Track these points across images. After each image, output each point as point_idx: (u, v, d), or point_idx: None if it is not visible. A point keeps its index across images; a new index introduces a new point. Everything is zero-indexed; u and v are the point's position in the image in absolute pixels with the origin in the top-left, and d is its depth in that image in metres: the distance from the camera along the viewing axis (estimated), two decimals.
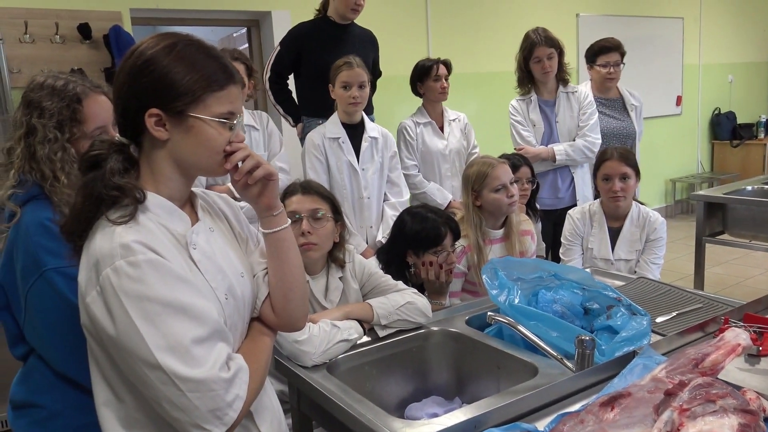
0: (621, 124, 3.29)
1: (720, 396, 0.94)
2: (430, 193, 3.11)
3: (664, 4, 6.46)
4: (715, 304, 1.71)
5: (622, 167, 2.39)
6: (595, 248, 2.46)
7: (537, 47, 3.03)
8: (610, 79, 3.24)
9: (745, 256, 4.90)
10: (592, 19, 5.82)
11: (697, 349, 1.19)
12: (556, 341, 1.42)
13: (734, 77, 7.33)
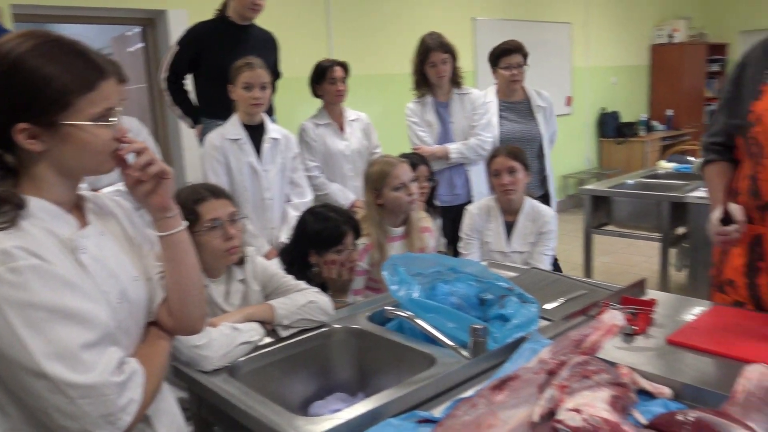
0: (524, 128, 3.29)
1: (595, 372, 1.01)
2: (333, 194, 3.13)
3: (554, 10, 6.82)
4: (598, 289, 1.83)
5: (509, 162, 2.51)
6: (492, 241, 2.57)
7: (432, 52, 3.12)
8: (513, 81, 3.26)
9: (630, 245, 5.26)
10: (488, 23, 6.05)
11: (578, 332, 1.28)
12: (453, 332, 1.47)
13: (617, 79, 7.85)
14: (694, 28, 8.42)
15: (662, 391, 1.17)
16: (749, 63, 1.67)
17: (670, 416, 0.98)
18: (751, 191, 1.62)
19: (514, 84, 3.27)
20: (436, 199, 2.96)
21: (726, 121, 1.73)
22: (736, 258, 1.68)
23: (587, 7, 7.23)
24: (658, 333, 1.48)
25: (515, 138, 3.23)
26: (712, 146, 1.77)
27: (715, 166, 1.76)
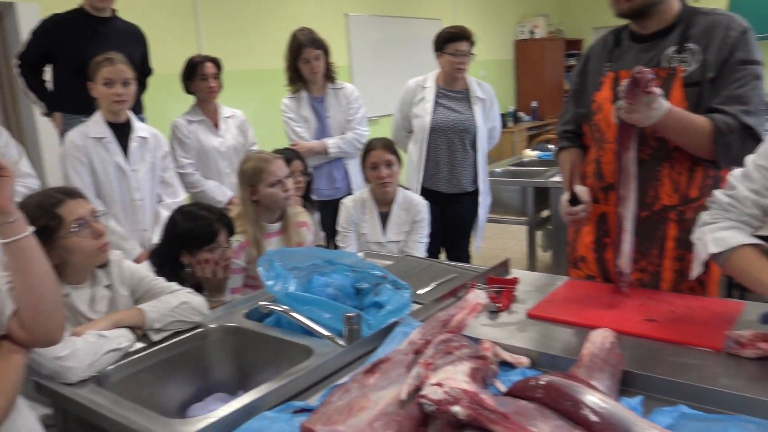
0: (458, 117, 3.18)
1: (457, 348, 1.08)
2: (209, 192, 3.07)
3: (424, 7, 7.03)
4: (467, 272, 1.93)
5: (386, 155, 2.58)
6: (368, 233, 2.63)
7: (304, 48, 3.13)
8: (458, 69, 3.11)
9: (503, 230, 5.55)
10: (361, 19, 6.12)
11: (446, 312, 1.35)
12: (330, 322, 1.50)
13: (487, 73, 8.23)
14: (552, 25, 9.01)
15: (521, 360, 1.27)
16: (592, 56, 1.83)
17: (525, 382, 1.06)
18: (596, 174, 1.77)
19: (458, 72, 3.13)
20: (312, 194, 2.98)
21: (574, 110, 1.88)
22: (586, 236, 1.84)
23: (454, 4, 7.52)
24: (520, 308, 1.59)
25: (447, 126, 3.16)
26: (565, 134, 1.92)
27: (567, 153, 1.91)
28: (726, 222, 1.36)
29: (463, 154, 3.20)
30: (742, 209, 1.35)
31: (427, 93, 3.20)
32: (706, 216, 1.41)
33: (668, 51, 1.63)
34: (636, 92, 1.44)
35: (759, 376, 1.16)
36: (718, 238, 1.34)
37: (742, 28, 1.59)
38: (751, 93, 1.57)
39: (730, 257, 1.32)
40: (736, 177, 1.38)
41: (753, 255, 1.29)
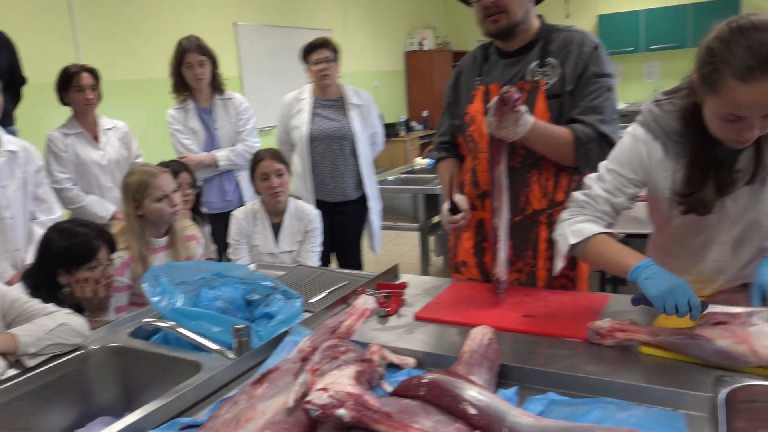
0: (335, 125, 3.22)
1: (343, 352, 1.11)
2: (89, 207, 2.93)
3: (315, 17, 7.07)
4: (359, 279, 1.96)
5: (276, 165, 2.58)
6: (261, 244, 2.61)
7: (188, 53, 3.07)
8: (323, 76, 3.17)
9: (397, 237, 5.68)
10: (250, 29, 6.06)
11: (335, 319, 1.38)
12: (219, 335, 1.48)
13: (379, 83, 8.39)
14: (440, 37, 9.33)
15: (407, 361, 1.32)
16: (463, 71, 1.93)
17: (408, 382, 1.10)
18: (473, 182, 1.87)
19: (325, 79, 3.19)
20: (202, 206, 2.92)
21: (449, 122, 1.97)
22: (466, 241, 1.93)
23: (345, 16, 7.62)
24: (408, 312, 1.65)
25: (325, 135, 3.19)
26: (442, 145, 2.01)
27: (444, 163, 2.00)
28: (582, 216, 1.49)
29: (344, 161, 3.24)
30: (596, 206, 1.49)
31: (304, 104, 3.26)
32: (564, 214, 1.54)
33: (531, 66, 1.76)
34: (504, 110, 1.55)
35: (618, 362, 1.28)
36: (576, 230, 1.47)
37: (594, 44, 1.75)
38: (605, 103, 1.72)
39: (586, 245, 1.45)
40: (591, 179, 1.53)
41: (607, 240, 1.44)
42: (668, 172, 1.45)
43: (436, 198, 3.79)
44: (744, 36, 1.19)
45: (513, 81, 1.77)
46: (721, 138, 1.33)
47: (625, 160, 1.48)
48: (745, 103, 1.21)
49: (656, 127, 1.45)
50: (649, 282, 1.30)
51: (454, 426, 1.00)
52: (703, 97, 1.30)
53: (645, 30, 8.68)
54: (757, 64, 1.17)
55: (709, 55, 1.25)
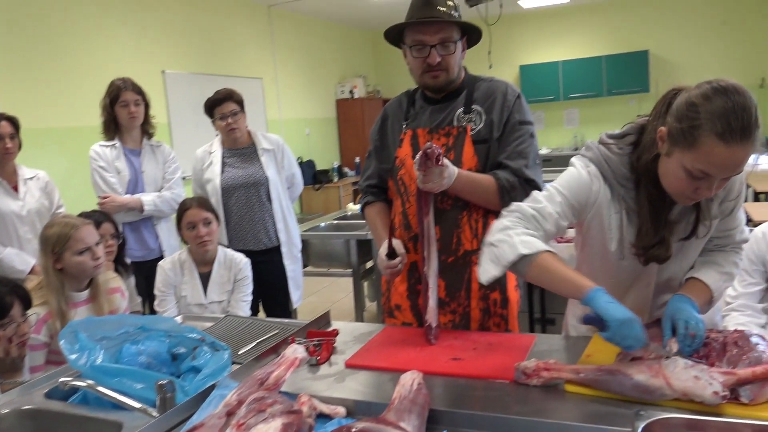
0: (247, 173, 3.18)
1: (269, 404, 1.09)
2: (7, 260, 2.79)
3: (245, 66, 7.10)
4: (290, 327, 1.94)
5: (203, 213, 2.54)
6: (189, 295, 2.55)
7: (124, 92, 3.03)
8: (231, 129, 3.14)
9: (332, 283, 5.65)
10: (179, 77, 6.02)
11: (263, 370, 1.35)
12: (142, 392, 1.42)
13: (311, 130, 8.46)
14: (370, 85, 9.55)
15: (337, 411, 1.30)
16: (389, 116, 1.99)
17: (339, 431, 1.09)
18: (404, 225, 1.90)
19: (233, 132, 3.16)
20: (125, 256, 2.82)
21: (377, 166, 2.01)
22: (399, 284, 1.95)
23: (275, 64, 7.69)
24: (339, 359, 1.63)
25: (238, 183, 3.16)
26: (369, 188, 2.05)
27: (374, 207, 2.03)
28: (526, 229, 1.46)
29: (261, 208, 3.20)
30: (542, 224, 1.47)
31: (214, 156, 3.23)
32: (506, 221, 1.49)
33: (458, 112, 1.84)
34: (429, 164, 1.61)
35: (544, 401, 1.30)
36: (526, 241, 1.43)
37: (516, 94, 1.85)
38: (529, 149, 1.81)
39: (535, 260, 1.40)
40: (542, 195, 1.52)
41: (556, 259, 1.41)
42: (612, 211, 1.50)
43: (369, 243, 3.81)
44: (729, 97, 1.24)
45: (441, 126, 1.84)
46: (673, 191, 1.38)
47: (575, 190, 1.50)
48: (719, 163, 1.26)
49: (607, 168, 1.49)
50: (612, 307, 1.30)
51: None
52: (672, 149, 1.32)
53: (564, 80, 9.17)
54: (739, 128, 1.22)
55: (691, 110, 1.27)
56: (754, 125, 1.24)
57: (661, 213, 1.44)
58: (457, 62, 1.81)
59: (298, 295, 3.44)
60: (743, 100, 1.24)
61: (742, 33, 8.47)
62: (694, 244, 1.53)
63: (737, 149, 1.23)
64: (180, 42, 6.08)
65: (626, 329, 1.28)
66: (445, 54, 1.78)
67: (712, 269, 1.53)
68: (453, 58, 1.79)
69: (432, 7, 1.76)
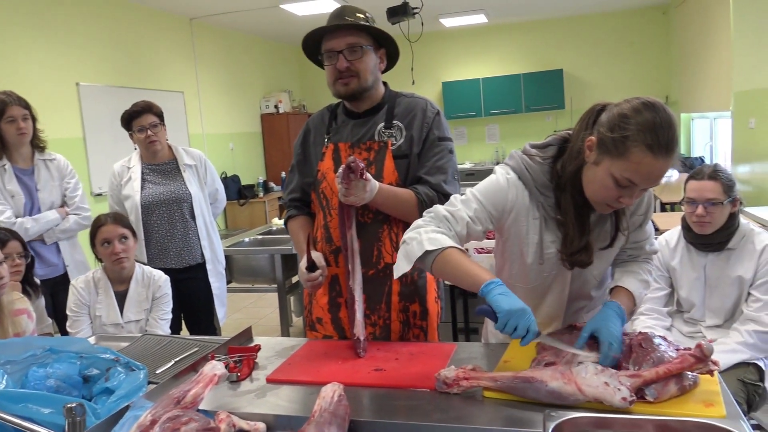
0: (169, 189, 3.07)
1: (184, 423, 1.06)
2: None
3: (166, 79, 6.92)
4: (210, 344, 1.89)
5: (119, 229, 2.45)
6: (104, 315, 2.44)
7: (9, 107, 2.83)
8: (151, 142, 3.01)
9: (259, 299, 5.56)
10: (94, 89, 5.80)
11: (179, 388, 1.31)
12: (50, 417, 1.35)
13: (234, 145, 8.32)
14: (295, 100, 9.51)
15: (257, 427, 1.28)
16: (311, 130, 1.99)
17: None
18: (326, 238, 1.90)
19: (153, 145, 3.03)
20: (34, 276, 2.68)
21: (300, 179, 2.01)
22: (321, 298, 1.94)
23: (197, 78, 7.54)
24: (261, 375, 1.61)
25: (159, 200, 3.03)
26: (292, 202, 2.04)
27: (297, 220, 2.02)
28: (438, 229, 1.51)
29: (184, 225, 3.09)
30: (454, 226, 1.52)
31: (133, 172, 3.10)
32: (420, 221, 1.55)
33: (379, 127, 1.86)
34: (352, 178, 1.63)
35: (463, 408, 1.33)
36: (433, 238, 1.47)
37: (436, 111, 1.89)
38: (448, 165, 1.85)
39: (440, 255, 1.45)
40: (458, 199, 1.57)
41: (460, 254, 1.46)
42: (530, 218, 1.55)
43: (294, 258, 3.78)
44: (657, 113, 1.32)
45: (362, 140, 1.86)
46: (596, 199, 1.45)
47: (492, 197, 1.55)
48: (645, 173, 1.34)
49: (528, 176, 1.54)
50: (502, 298, 1.34)
51: None
52: (601, 158, 1.39)
53: (484, 96, 9.46)
54: (665, 142, 1.31)
55: (623, 121, 1.33)
56: (676, 141, 1.33)
57: (585, 220, 1.51)
58: (369, 70, 1.83)
59: (223, 312, 3.35)
60: (668, 117, 1.33)
61: (649, 54, 9.02)
62: (606, 254, 1.61)
63: (662, 162, 1.32)
64: (96, 53, 5.86)
65: (514, 320, 1.32)
66: (353, 59, 1.79)
67: (632, 277, 1.62)
68: (362, 64, 1.81)
69: (341, 18, 1.81)
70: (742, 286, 2.26)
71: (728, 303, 2.30)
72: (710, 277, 2.33)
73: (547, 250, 1.56)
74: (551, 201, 1.52)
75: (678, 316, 2.47)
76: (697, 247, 2.35)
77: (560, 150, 1.53)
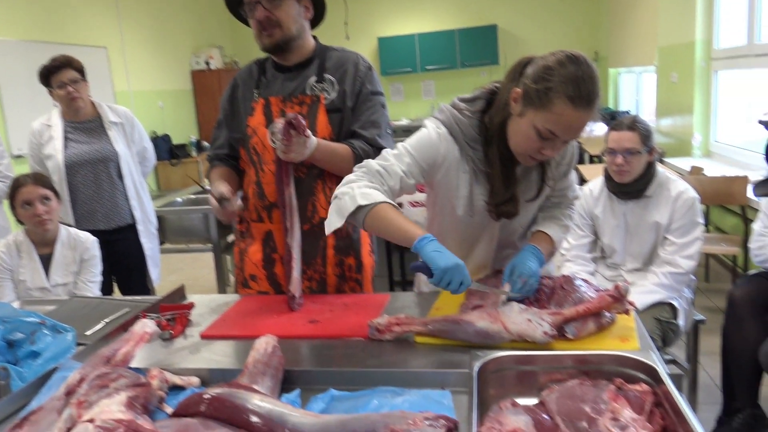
0: (95, 148, 2.95)
1: (113, 380, 1.05)
2: None
3: (86, 33, 6.56)
4: (141, 304, 1.86)
5: (40, 189, 2.36)
6: (28, 279, 2.36)
7: None
8: (72, 99, 2.87)
9: (195, 260, 5.47)
10: (8, 45, 5.45)
11: (110, 347, 1.29)
12: None
13: (164, 103, 8.02)
14: (227, 56, 9.20)
15: (191, 381, 1.28)
16: (240, 84, 1.95)
17: (190, 399, 1.08)
18: (258, 194, 1.88)
19: (75, 102, 2.90)
20: None
21: (228, 135, 1.97)
22: (254, 254, 1.93)
23: (121, 32, 7.18)
24: (194, 332, 1.60)
25: (84, 160, 2.91)
26: (218, 156, 2.00)
27: (217, 169, 1.97)
28: (371, 184, 1.51)
29: (111, 185, 3.00)
30: (387, 180, 1.52)
31: (54, 131, 2.95)
32: (352, 176, 1.54)
33: (310, 80, 1.83)
34: (293, 135, 1.62)
35: (396, 354, 1.37)
36: (366, 193, 1.47)
37: (368, 65, 1.87)
38: (381, 119, 1.85)
39: (373, 211, 1.45)
40: (391, 153, 1.57)
41: (393, 209, 1.47)
42: (461, 171, 1.57)
43: None
44: (580, 66, 1.35)
45: (294, 94, 1.83)
46: (520, 151, 1.48)
47: (424, 151, 1.55)
48: (566, 124, 1.37)
49: (457, 130, 1.55)
50: (436, 254, 1.36)
51: None
52: (525, 109, 1.41)
53: (420, 52, 9.42)
54: (586, 95, 1.34)
55: (547, 73, 1.36)
56: (597, 94, 1.37)
57: (511, 172, 1.55)
58: (292, 18, 1.78)
59: (156, 273, 3.29)
60: (591, 71, 1.36)
61: (580, 10, 9.17)
62: (532, 205, 1.66)
63: (582, 114, 1.36)
64: (7, 5, 5.48)
65: (449, 276, 1.35)
66: (271, 8, 1.74)
67: (553, 222, 1.69)
68: (282, 12, 1.76)
69: None
70: (658, 231, 2.39)
71: (646, 247, 2.43)
72: (630, 223, 2.44)
73: (476, 202, 1.60)
74: (480, 154, 1.55)
75: (601, 261, 2.59)
76: (617, 195, 2.46)
77: (488, 103, 1.56)
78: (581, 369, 1.08)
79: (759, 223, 2.46)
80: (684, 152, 5.32)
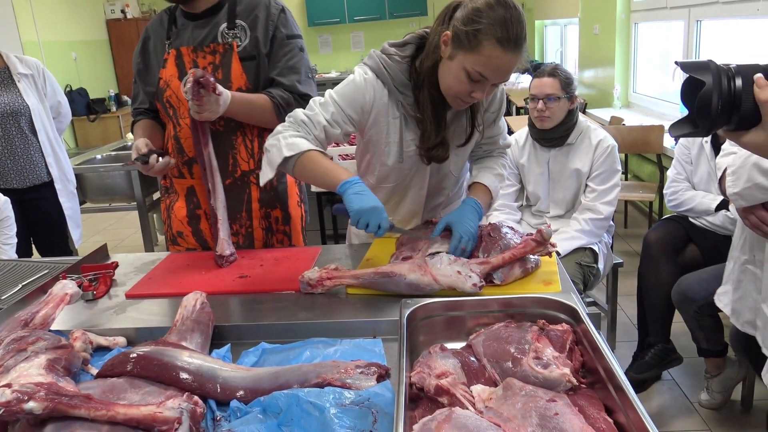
0: (3, 101, 2.78)
1: (31, 343, 1.01)
2: None
3: None
4: (61, 265, 1.79)
5: None
6: None
7: None
8: None
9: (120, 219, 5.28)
10: None
11: (27, 310, 1.24)
12: None
13: (78, 55, 7.56)
14: (144, 4, 8.73)
15: (116, 341, 1.25)
16: (151, 35, 1.85)
17: (115, 359, 1.05)
18: (177, 149, 1.82)
19: None
20: None
21: (144, 89, 1.88)
22: (179, 211, 1.88)
23: None
24: (120, 291, 1.56)
25: None
26: (138, 112, 1.91)
27: (141, 123, 1.89)
28: (297, 133, 1.51)
29: (24, 141, 2.84)
30: (312, 130, 1.52)
31: None
32: (280, 127, 1.54)
33: (221, 28, 1.75)
34: (203, 94, 1.55)
35: (327, 306, 1.38)
36: (291, 143, 1.47)
37: (280, 7, 1.79)
38: (300, 64, 1.79)
39: (300, 159, 1.47)
40: (316, 102, 1.55)
41: (319, 156, 1.48)
42: (390, 117, 1.57)
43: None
44: (508, 10, 1.35)
45: (205, 43, 1.75)
46: (451, 94, 1.47)
47: (351, 98, 1.54)
48: (495, 66, 1.37)
49: (386, 75, 1.54)
50: (355, 197, 1.38)
51: (166, 394, 0.98)
52: (455, 52, 1.41)
53: (348, 2, 9.22)
54: (514, 37, 1.34)
55: (476, 14, 1.36)
56: (524, 37, 1.38)
57: (441, 116, 1.55)
58: None
59: (78, 234, 3.15)
60: (519, 14, 1.37)
61: None
62: (462, 151, 1.68)
63: (511, 56, 1.37)
64: None
65: (365, 218, 1.37)
66: None
67: (488, 172, 1.71)
68: None
69: None
70: (580, 178, 2.48)
71: (569, 194, 2.52)
72: (553, 171, 2.52)
73: (407, 148, 1.60)
74: (410, 99, 1.55)
75: (527, 209, 2.67)
76: (540, 143, 2.52)
77: (418, 48, 1.55)
78: (507, 312, 1.12)
79: (673, 170, 2.59)
80: (605, 103, 5.49)
